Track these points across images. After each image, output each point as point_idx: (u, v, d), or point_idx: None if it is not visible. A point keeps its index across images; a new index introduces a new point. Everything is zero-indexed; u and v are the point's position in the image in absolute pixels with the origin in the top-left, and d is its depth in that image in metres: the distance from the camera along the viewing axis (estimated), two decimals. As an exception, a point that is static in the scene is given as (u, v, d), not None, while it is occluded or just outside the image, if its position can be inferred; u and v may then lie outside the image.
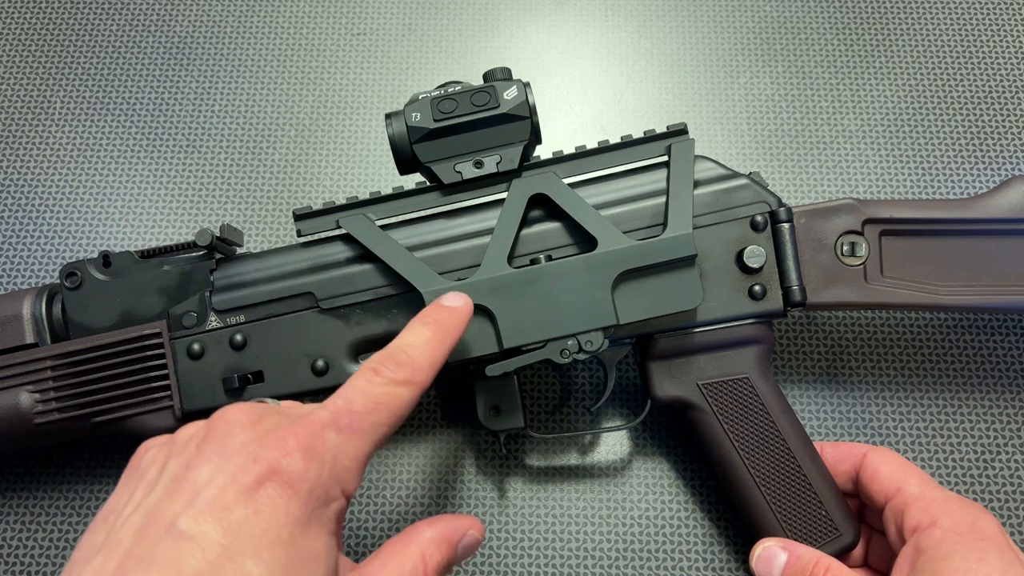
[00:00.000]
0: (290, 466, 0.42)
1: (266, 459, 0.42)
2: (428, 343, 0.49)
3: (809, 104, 0.79)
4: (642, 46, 0.82)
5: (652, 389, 0.60)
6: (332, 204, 0.60)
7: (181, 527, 0.40)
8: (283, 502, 0.41)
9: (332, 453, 0.43)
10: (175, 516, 0.40)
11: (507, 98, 0.58)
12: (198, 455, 0.43)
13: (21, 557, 0.65)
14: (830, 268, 0.60)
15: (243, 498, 0.40)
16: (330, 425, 0.44)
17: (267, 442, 0.42)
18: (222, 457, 0.42)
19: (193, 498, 0.41)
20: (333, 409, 0.45)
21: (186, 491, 0.41)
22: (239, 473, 0.41)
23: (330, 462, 0.43)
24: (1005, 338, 0.70)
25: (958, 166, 0.76)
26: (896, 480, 0.56)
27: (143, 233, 0.75)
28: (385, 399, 0.46)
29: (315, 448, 0.43)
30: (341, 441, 0.44)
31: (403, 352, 0.48)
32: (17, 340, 0.61)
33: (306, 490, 0.42)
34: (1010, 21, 0.82)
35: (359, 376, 0.47)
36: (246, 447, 0.42)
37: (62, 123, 0.79)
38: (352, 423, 0.45)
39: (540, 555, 0.65)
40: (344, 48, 0.82)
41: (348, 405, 0.45)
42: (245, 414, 0.45)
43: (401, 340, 0.49)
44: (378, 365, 0.47)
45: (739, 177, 0.60)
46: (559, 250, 0.59)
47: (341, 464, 0.44)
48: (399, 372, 0.47)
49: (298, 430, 0.43)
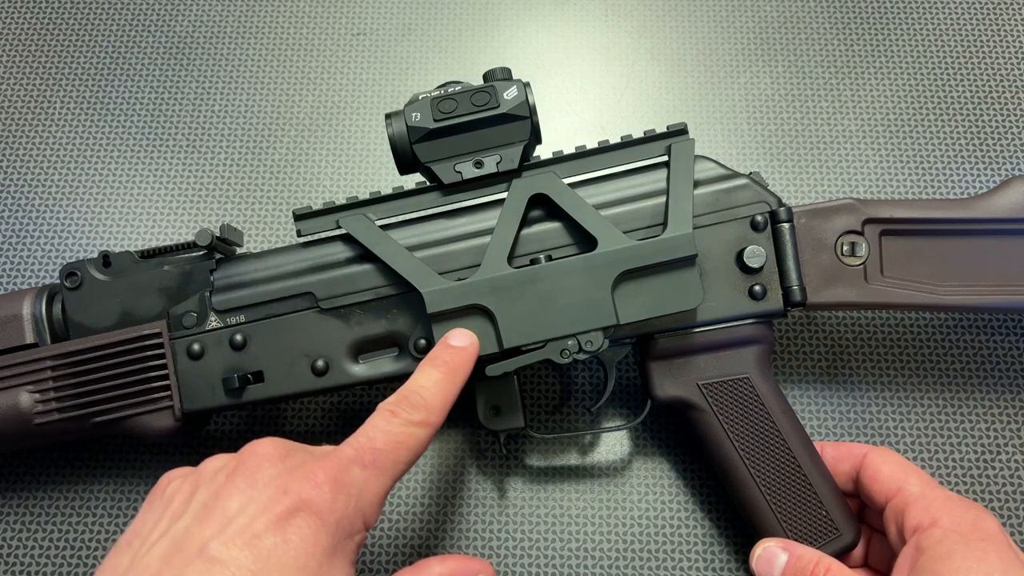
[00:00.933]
0: (319, 498, 0.44)
1: (296, 491, 0.44)
2: (439, 385, 0.52)
3: (809, 104, 0.79)
4: (642, 46, 0.82)
5: (652, 389, 0.60)
6: (332, 204, 0.60)
7: (212, 552, 0.42)
8: (311, 532, 0.44)
9: (358, 488, 0.46)
10: (206, 541, 0.42)
11: (507, 98, 0.58)
12: (228, 485, 0.45)
13: (21, 557, 0.65)
14: (830, 268, 0.60)
15: (273, 527, 0.43)
16: (355, 461, 0.47)
17: (297, 475, 0.45)
18: (252, 488, 0.45)
19: (224, 525, 0.43)
20: (356, 447, 0.48)
21: (216, 519, 0.44)
22: (270, 503, 0.44)
23: (356, 496, 0.46)
24: (1005, 338, 0.70)
25: (958, 166, 0.76)
26: (896, 480, 0.56)
27: (143, 233, 0.75)
28: (403, 439, 0.49)
29: (342, 482, 0.46)
30: (365, 477, 0.47)
31: (417, 395, 0.51)
32: (17, 340, 0.61)
33: (334, 521, 0.45)
34: (1010, 21, 0.82)
35: (378, 417, 0.50)
36: (276, 480, 0.45)
37: (62, 123, 0.79)
38: (375, 460, 0.48)
39: (540, 555, 0.65)
40: (344, 48, 0.82)
41: (371, 443, 0.48)
42: (275, 448, 0.47)
43: (415, 383, 0.52)
44: (395, 407, 0.50)
45: (739, 177, 0.60)
46: (559, 250, 0.59)
47: (365, 499, 0.47)
48: (415, 414, 0.50)
49: (326, 465, 0.46)
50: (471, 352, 0.55)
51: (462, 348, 0.55)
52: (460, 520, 0.66)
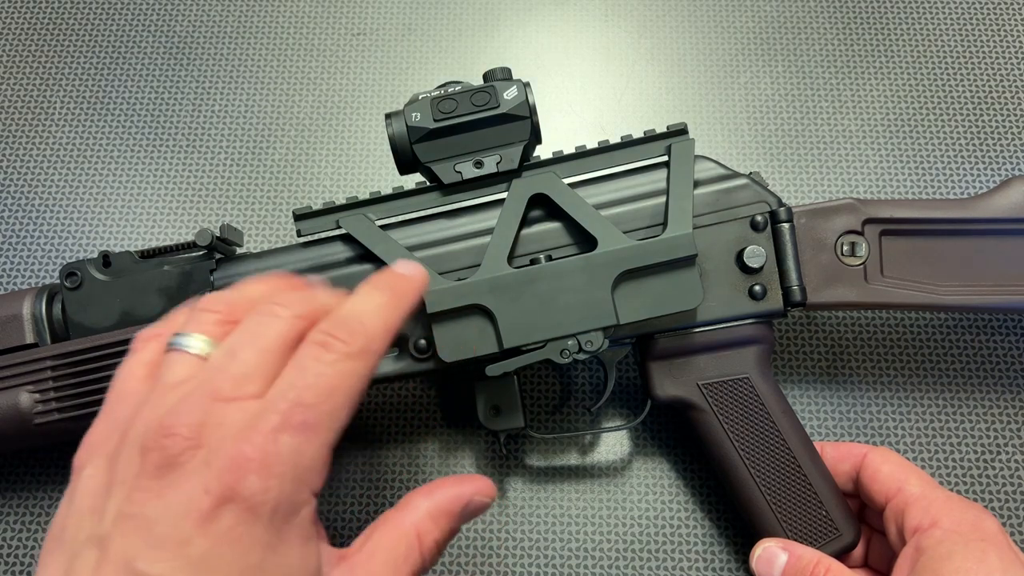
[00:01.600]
0: (246, 489, 0.37)
1: (218, 488, 0.37)
2: (382, 308, 0.44)
3: (809, 104, 0.79)
4: (642, 46, 0.82)
5: (652, 389, 0.60)
6: (332, 204, 0.60)
7: (140, 568, 0.36)
8: (245, 528, 0.37)
9: (290, 461, 0.39)
10: (132, 557, 0.37)
11: (507, 98, 0.58)
12: (137, 487, 0.38)
13: (21, 557, 0.65)
14: (830, 268, 0.60)
15: (201, 530, 0.37)
16: (281, 429, 0.38)
17: (216, 466, 0.38)
18: (168, 487, 0.38)
19: (147, 535, 0.37)
20: (281, 410, 0.39)
21: (139, 527, 0.37)
22: (191, 504, 0.37)
23: (290, 472, 0.39)
24: (1005, 338, 0.70)
25: (958, 166, 0.76)
26: (897, 480, 0.56)
27: (143, 233, 0.75)
28: (339, 380, 0.41)
29: (270, 463, 0.38)
30: (297, 444, 0.39)
31: (355, 319, 0.42)
32: (17, 340, 0.61)
33: (269, 510, 0.38)
34: (1010, 21, 0.82)
35: (305, 355, 0.41)
36: (193, 476, 0.38)
37: (62, 123, 0.79)
38: (306, 420, 0.39)
39: (540, 555, 0.65)
40: (344, 48, 0.82)
41: (298, 401, 0.39)
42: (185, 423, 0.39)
43: (351, 306, 0.44)
44: (326, 337, 0.41)
45: (739, 177, 0.60)
46: (559, 250, 0.59)
47: (302, 468, 0.39)
48: (353, 342, 0.41)
49: (247, 445, 0.38)
50: (418, 282, 0.47)
51: (408, 276, 0.47)
52: (460, 520, 0.66)
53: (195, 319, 0.43)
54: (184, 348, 0.42)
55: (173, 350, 0.43)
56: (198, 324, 0.43)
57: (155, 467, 0.38)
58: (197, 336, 0.42)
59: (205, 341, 0.42)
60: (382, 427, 0.68)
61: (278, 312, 0.42)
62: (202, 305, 0.44)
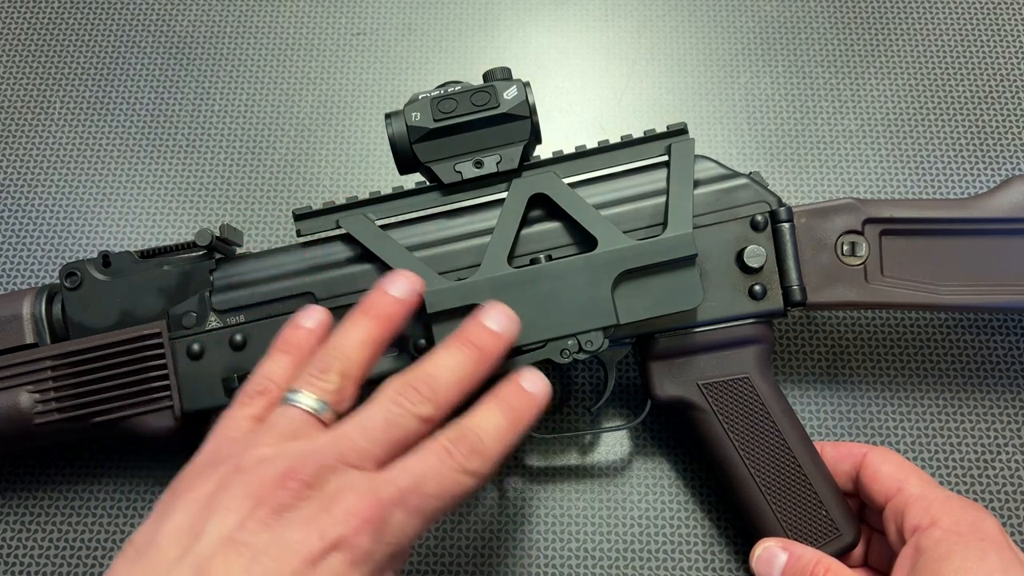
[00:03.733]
0: (357, 543, 0.41)
1: (332, 536, 0.41)
2: (503, 434, 0.47)
3: (809, 104, 0.79)
4: (642, 46, 0.82)
5: (652, 389, 0.60)
6: (332, 204, 0.60)
7: None
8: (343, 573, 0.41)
9: (397, 535, 0.43)
10: None
11: (507, 98, 0.58)
12: (252, 518, 0.41)
13: (21, 557, 0.65)
14: (830, 268, 0.60)
15: (306, 568, 0.40)
16: (399, 504, 0.43)
17: (334, 514, 0.41)
18: (283, 525, 0.41)
19: (252, 563, 0.40)
20: (404, 487, 0.43)
21: (244, 554, 0.40)
22: (303, 544, 0.40)
23: (393, 543, 0.43)
24: (1005, 338, 0.70)
25: (958, 166, 0.76)
26: (896, 480, 0.56)
27: (143, 233, 0.75)
28: (454, 487, 0.44)
29: (382, 530, 0.42)
30: (407, 523, 0.43)
31: (478, 438, 0.46)
32: (17, 340, 0.61)
33: (367, 568, 0.41)
34: (1010, 21, 0.82)
35: (432, 453, 0.45)
36: (311, 521, 0.41)
37: (62, 123, 0.79)
38: (420, 506, 0.43)
39: (540, 555, 0.65)
40: (344, 48, 0.82)
41: (420, 487, 0.43)
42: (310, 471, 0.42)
43: (477, 424, 0.47)
44: (452, 447, 0.45)
45: (739, 177, 0.60)
46: (559, 250, 0.59)
47: (400, 545, 0.43)
48: (472, 462, 0.45)
49: (367, 507, 0.42)
50: (541, 402, 0.49)
51: (533, 396, 0.49)
52: (460, 520, 0.66)
53: (311, 381, 0.47)
54: (297, 404, 0.47)
55: (287, 405, 0.47)
56: (314, 386, 0.47)
57: (275, 503, 0.41)
58: (308, 395, 0.47)
59: (320, 402, 0.47)
60: (382, 427, 0.68)
61: (410, 411, 0.46)
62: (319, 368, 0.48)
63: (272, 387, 0.49)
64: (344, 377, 0.48)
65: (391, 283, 0.51)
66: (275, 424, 0.46)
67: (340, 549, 0.40)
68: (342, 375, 0.48)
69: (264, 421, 0.47)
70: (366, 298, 0.50)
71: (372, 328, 0.49)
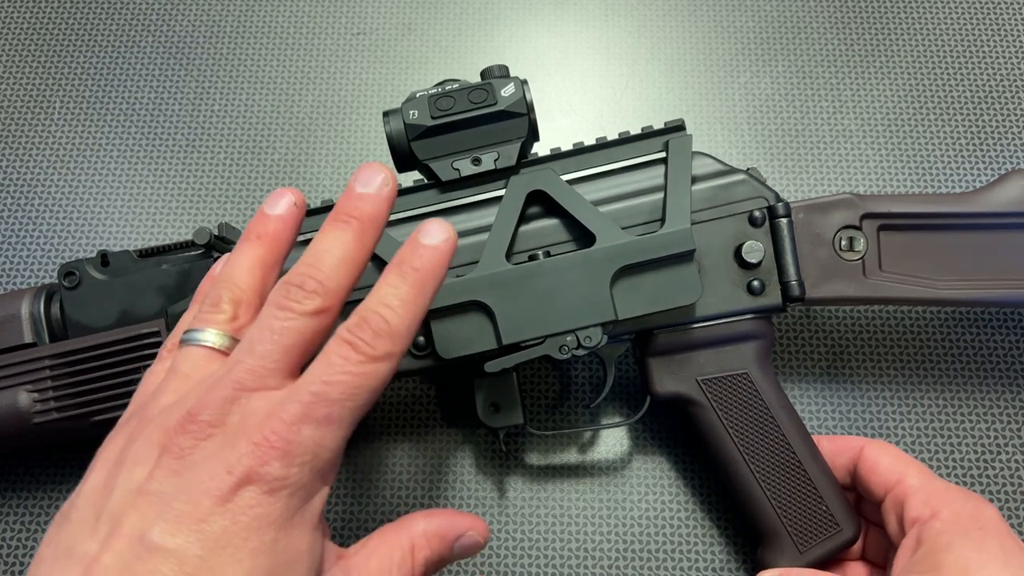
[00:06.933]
0: (269, 472, 0.39)
1: (241, 469, 0.39)
2: (407, 303, 0.43)
3: (809, 103, 0.79)
4: (642, 46, 0.82)
5: (651, 385, 0.60)
6: (330, 203, 0.60)
7: (155, 540, 0.38)
8: (263, 509, 0.39)
9: (311, 451, 0.40)
10: (146, 530, 0.38)
11: (504, 95, 0.58)
12: (158, 466, 0.40)
13: (21, 557, 0.65)
14: (828, 263, 0.60)
15: (220, 507, 0.38)
16: (304, 420, 0.40)
17: (239, 448, 0.39)
18: (189, 468, 0.39)
19: (164, 510, 0.38)
20: (307, 400, 0.40)
21: (155, 504, 0.39)
22: (212, 483, 0.39)
23: (309, 461, 0.40)
24: (1006, 336, 0.70)
25: (958, 165, 0.76)
26: (896, 472, 0.56)
27: (142, 232, 0.75)
28: (363, 380, 0.41)
29: (292, 450, 0.39)
30: (319, 435, 0.40)
31: (381, 317, 0.42)
32: (15, 340, 0.61)
33: (286, 495, 0.40)
34: (1010, 21, 0.82)
35: (333, 352, 0.42)
36: (216, 459, 0.39)
37: (61, 123, 0.79)
38: (329, 413, 0.40)
39: (540, 555, 0.65)
40: (344, 48, 0.82)
41: (324, 395, 0.40)
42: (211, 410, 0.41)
43: (377, 299, 0.43)
44: (354, 338, 0.42)
45: (737, 173, 0.60)
46: (557, 246, 0.59)
47: (320, 459, 0.41)
48: (378, 345, 0.42)
49: (271, 432, 0.39)
50: (446, 252, 0.45)
51: (435, 248, 0.44)
52: (459, 519, 0.66)
53: (203, 316, 0.45)
54: (195, 343, 0.44)
55: (186, 345, 0.45)
56: (207, 320, 0.45)
57: (178, 448, 0.40)
58: (208, 330, 0.45)
59: (216, 334, 0.44)
60: (381, 426, 0.68)
61: (298, 310, 0.43)
62: (210, 302, 0.45)
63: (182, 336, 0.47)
64: (236, 304, 0.45)
65: (270, 203, 0.48)
66: (177, 368, 0.44)
67: (252, 482, 0.39)
68: (233, 302, 0.45)
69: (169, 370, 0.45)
70: (250, 223, 0.48)
71: (257, 250, 0.46)
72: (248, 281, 0.46)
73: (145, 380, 0.47)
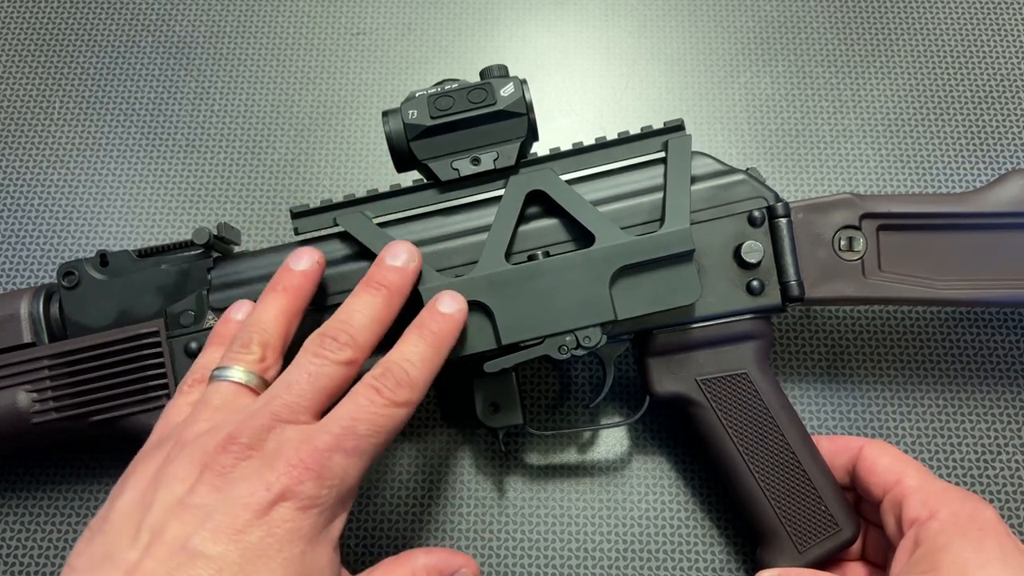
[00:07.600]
0: (303, 491, 0.44)
1: (279, 487, 0.44)
2: (425, 360, 0.51)
3: (809, 103, 0.79)
4: (642, 46, 0.82)
5: (651, 385, 0.60)
6: (329, 202, 0.60)
7: (196, 547, 0.42)
8: (295, 523, 0.44)
9: (339, 477, 0.46)
10: (189, 537, 0.42)
11: (504, 95, 0.58)
12: (200, 482, 0.44)
13: (21, 557, 0.65)
14: (828, 263, 0.60)
15: (258, 520, 0.43)
16: (335, 449, 0.46)
17: (276, 468, 0.44)
18: (229, 485, 0.44)
19: (206, 521, 0.43)
20: (338, 432, 0.46)
21: (197, 516, 0.43)
22: (252, 498, 0.43)
23: (337, 485, 0.46)
24: (1006, 336, 0.70)
25: (958, 165, 0.76)
26: (895, 472, 0.56)
27: (141, 232, 0.75)
28: (385, 421, 0.48)
29: (324, 475, 0.45)
30: (347, 464, 0.46)
31: (403, 370, 0.49)
32: (14, 339, 0.61)
33: (316, 512, 0.45)
34: (1010, 20, 0.82)
35: (361, 395, 0.48)
36: (256, 477, 0.44)
37: (61, 123, 0.79)
38: (357, 446, 0.46)
39: (540, 555, 0.65)
40: (344, 48, 0.82)
41: (353, 429, 0.46)
42: (248, 434, 0.46)
43: (400, 354, 0.50)
44: (379, 384, 0.48)
45: (736, 172, 0.60)
46: (557, 246, 0.58)
47: (345, 484, 0.46)
48: (399, 393, 0.48)
49: (306, 456, 0.45)
50: (459, 319, 0.53)
51: (450, 316, 0.53)
52: (459, 520, 0.66)
53: (234, 356, 0.51)
54: (226, 379, 0.50)
55: (217, 381, 0.50)
56: (237, 359, 0.51)
57: (219, 467, 0.45)
58: (238, 368, 0.50)
59: (245, 372, 0.50)
60: (381, 426, 0.68)
61: (331, 359, 0.49)
62: (240, 344, 0.51)
63: (207, 374, 0.52)
64: (264, 347, 0.51)
65: (295, 260, 0.55)
66: (209, 401, 0.49)
67: (287, 498, 0.44)
68: (262, 345, 0.51)
69: (199, 402, 0.50)
70: (276, 276, 0.55)
71: (283, 301, 0.53)
72: (275, 327, 0.52)
73: (167, 412, 0.52)
